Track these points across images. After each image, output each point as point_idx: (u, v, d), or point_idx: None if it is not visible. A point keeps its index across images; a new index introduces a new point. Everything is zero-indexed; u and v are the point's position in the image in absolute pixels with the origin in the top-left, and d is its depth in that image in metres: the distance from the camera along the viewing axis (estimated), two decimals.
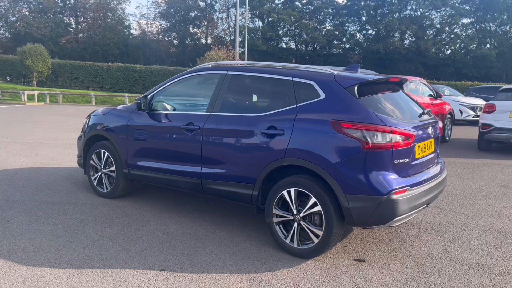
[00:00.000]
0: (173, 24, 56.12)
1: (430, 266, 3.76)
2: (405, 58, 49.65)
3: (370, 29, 54.55)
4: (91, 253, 3.82)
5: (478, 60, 49.15)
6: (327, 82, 3.84)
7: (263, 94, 4.34)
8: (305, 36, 53.74)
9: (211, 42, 56.31)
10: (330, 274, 3.55)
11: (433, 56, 50.77)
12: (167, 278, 3.41)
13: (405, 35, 52.54)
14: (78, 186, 6.01)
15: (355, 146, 3.52)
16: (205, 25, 57.17)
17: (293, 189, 3.79)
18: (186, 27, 55.73)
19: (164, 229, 4.46)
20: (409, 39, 52.30)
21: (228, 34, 57.20)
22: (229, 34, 57.12)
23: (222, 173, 4.27)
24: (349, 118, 3.59)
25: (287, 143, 3.79)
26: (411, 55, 49.55)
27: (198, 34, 57.80)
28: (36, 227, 4.39)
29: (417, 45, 49.47)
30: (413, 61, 49.79)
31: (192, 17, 56.16)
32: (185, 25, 55.99)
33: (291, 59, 54.06)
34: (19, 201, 5.22)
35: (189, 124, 4.50)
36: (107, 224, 4.55)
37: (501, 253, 4.08)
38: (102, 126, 5.37)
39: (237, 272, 3.55)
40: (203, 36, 58.41)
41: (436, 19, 52.31)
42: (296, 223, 3.80)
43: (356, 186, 3.51)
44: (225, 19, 57.14)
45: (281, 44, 56.15)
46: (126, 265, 3.61)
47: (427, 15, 52.00)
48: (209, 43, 56.62)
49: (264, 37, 52.20)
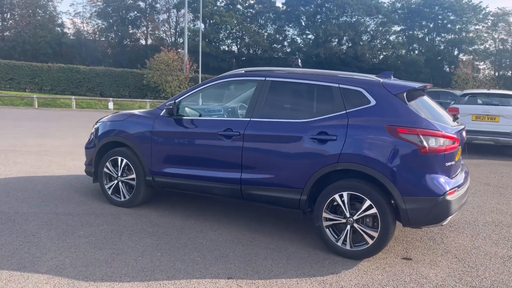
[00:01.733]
0: (111, 24, 54.27)
1: (471, 261, 4.06)
2: (343, 62, 51.73)
3: (310, 33, 56.22)
4: (146, 264, 3.71)
5: (408, 65, 52.44)
6: (377, 89, 4.02)
7: (306, 101, 4.43)
8: (247, 39, 54.23)
9: (151, 43, 55.14)
10: (389, 273, 3.72)
11: (368, 60, 53.44)
12: (240, 286, 3.40)
13: (342, 40, 54.73)
14: (85, 195, 5.73)
15: (412, 150, 3.73)
16: (145, 25, 55.85)
17: (345, 192, 3.92)
18: (125, 27, 54.10)
19: (204, 237, 4.41)
20: (346, 44, 54.50)
21: (170, 35, 56.33)
22: (170, 36, 56.26)
23: (266, 179, 4.30)
24: (404, 124, 3.79)
25: (340, 148, 3.92)
26: (348, 59, 51.73)
27: (137, 34, 56.32)
28: (69, 241, 4.16)
29: (354, 50, 51.74)
30: (350, 65, 51.96)
31: (131, 17, 54.64)
32: (124, 25, 54.34)
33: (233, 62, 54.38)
34: (32, 213, 4.89)
35: (227, 130, 4.48)
36: (142, 234, 4.41)
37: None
38: (120, 133, 5.18)
39: (303, 276, 3.62)
40: (142, 37, 57.03)
41: (370, 26, 55.04)
42: (349, 225, 3.93)
43: (413, 189, 3.71)
44: (166, 20, 56.12)
45: (223, 47, 56.25)
46: (190, 275, 3.55)
47: (362, 22, 54.55)
48: (149, 44, 55.41)
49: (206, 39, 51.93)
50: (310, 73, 4.50)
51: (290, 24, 55.99)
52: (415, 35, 56.43)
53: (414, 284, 3.54)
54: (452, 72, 55.01)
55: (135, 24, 55.61)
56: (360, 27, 54.41)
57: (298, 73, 4.52)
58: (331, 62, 51.90)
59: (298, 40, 56.85)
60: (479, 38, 55.76)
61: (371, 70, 52.35)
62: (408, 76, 51.62)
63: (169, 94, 28.30)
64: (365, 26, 54.77)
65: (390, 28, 55.15)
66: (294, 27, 57.08)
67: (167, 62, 27.46)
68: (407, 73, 51.79)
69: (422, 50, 55.51)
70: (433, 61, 54.43)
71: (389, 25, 54.35)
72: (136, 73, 29.70)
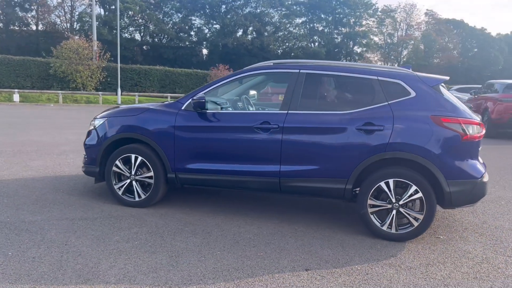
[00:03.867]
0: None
1: (493, 235, 4.56)
2: (250, 53, 52.52)
3: (216, 23, 56.07)
4: (215, 264, 3.59)
5: (310, 56, 54.92)
6: (415, 81, 4.30)
7: (345, 93, 4.56)
8: (152, 27, 52.40)
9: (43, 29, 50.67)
10: (437, 251, 4.06)
11: (273, 51, 54.98)
12: (323, 276, 3.47)
13: (248, 30, 55.50)
14: (83, 197, 5.27)
15: (455, 137, 4.08)
16: (35, 9, 50.99)
17: (391, 180, 4.16)
18: (12, 10, 48.83)
19: (247, 231, 4.36)
20: (252, 35, 55.38)
21: (65, 21, 52.21)
22: (65, 21, 52.17)
23: (308, 170, 4.37)
24: (446, 113, 4.12)
25: (388, 138, 4.14)
26: (255, 50, 52.66)
27: (27, 19, 51.22)
28: (111, 247, 3.84)
29: (260, 41, 52.80)
30: (257, 56, 52.95)
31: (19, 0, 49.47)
32: (10, 7, 49.02)
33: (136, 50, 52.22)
34: (42, 221, 4.40)
35: (264, 123, 4.45)
36: (184, 234, 4.22)
37: None
38: (135, 128, 4.83)
39: (369, 261, 3.79)
40: (33, 21, 52.02)
41: (274, 18, 56.59)
42: (395, 210, 4.18)
43: (456, 173, 4.08)
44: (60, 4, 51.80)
45: (125, 35, 53.62)
46: (266, 270, 3.52)
47: (266, 13, 55.84)
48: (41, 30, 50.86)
49: (108, 25, 49.09)
50: (345, 66, 4.63)
51: (196, 13, 55.20)
52: (316, 28, 59.31)
53: (464, 259, 3.90)
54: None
55: (23, 7, 50.46)
56: (265, 18, 55.66)
57: (333, 66, 4.63)
58: (239, 52, 52.40)
59: (205, 29, 56.36)
60: (370, 32, 60.38)
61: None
62: None
63: (80, 84, 26.34)
64: (269, 17, 56.14)
65: (293, 20, 57.25)
66: (200, 16, 56.43)
67: (77, 50, 25.46)
68: None
69: (322, 42, 58.56)
70: (332, 53, 57.78)
71: (292, 17, 56.36)
72: (39, 61, 27.03)
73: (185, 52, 52.57)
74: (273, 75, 4.90)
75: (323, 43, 58.59)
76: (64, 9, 52.43)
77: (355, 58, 59.19)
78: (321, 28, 59.79)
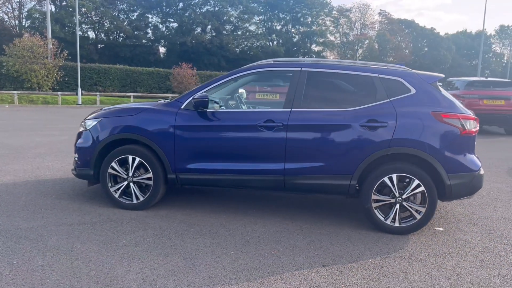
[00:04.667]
0: None
1: (488, 225, 4.78)
2: (209, 51, 52.16)
3: (173, 21, 55.27)
4: (232, 264, 3.56)
5: (270, 55, 55.23)
6: (414, 78, 4.44)
7: (347, 90, 4.62)
8: (107, 25, 50.91)
9: None
10: (441, 242, 4.21)
11: (232, 50, 54.86)
12: (341, 271, 3.52)
13: (206, 29, 55.07)
14: (74, 201, 5.07)
15: (455, 132, 4.25)
16: None
17: (395, 174, 4.28)
18: None
19: (254, 230, 4.35)
20: (211, 33, 54.99)
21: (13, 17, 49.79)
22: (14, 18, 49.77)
23: (313, 167, 4.41)
24: (445, 109, 4.28)
25: (391, 134, 4.25)
26: (214, 49, 52.32)
27: None
28: (120, 251, 3.72)
29: (219, 40, 52.52)
30: (216, 55, 52.76)
31: None
32: None
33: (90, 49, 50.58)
34: (39, 227, 4.19)
35: (268, 122, 4.44)
36: (191, 235, 4.15)
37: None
38: (133, 129, 4.69)
39: (381, 254, 3.88)
40: None
41: (233, 16, 56.47)
42: (398, 204, 4.30)
43: (456, 166, 4.25)
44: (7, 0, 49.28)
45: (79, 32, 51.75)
46: (284, 268, 3.53)
47: (225, 12, 55.63)
48: None
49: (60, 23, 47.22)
50: (346, 64, 4.71)
51: (152, 10, 54.13)
52: (274, 27, 59.73)
53: (467, 249, 4.07)
54: None
55: None
56: (223, 17, 55.43)
57: (333, 64, 4.69)
58: (198, 51, 51.88)
59: (162, 27, 55.38)
60: (327, 31, 61.56)
61: (236, 60, 53.83)
62: None
63: (35, 84, 25.15)
64: (228, 16, 55.96)
65: (251, 19, 57.37)
66: (156, 14, 55.39)
67: (31, 48, 24.29)
68: None
69: (280, 41, 59.06)
70: (290, 51, 58.39)
71: (250, 16, 56.48)
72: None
73: (142, 50, 51.46)
74: (274, 73, 4.90)
75: (282, 41, 59.12)
76: (12, 5, 50.02)
77: (313, 56, 60.11)
78: (279, 27, 60.30)
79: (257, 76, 4.92)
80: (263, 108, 4.88)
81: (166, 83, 30.80)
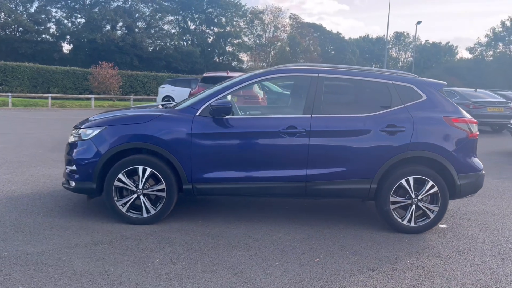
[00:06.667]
0: None
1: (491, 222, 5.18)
2: (121, 50, 49.87)
3: (81, 17, 52.04)
4: (284, 276, 3.48)
5: (185, 55, 54.48)
6: (424, 85, 4.68)
7: (363, 96, 4.71)
8: (4, 18, 46.30)
9: None
10: (449, 239, 4.50)
11: (146, 49, 53.07)
12: (390, 274, 3.60)
13: (117, 26, 52.63)
14: (75, 218, 4.58)
15: (463, 136, 4.57)
16: None
17: (411, 177, 4.49)
18: None
19: (281, 238, 4.28)
20: (122, 30, 52.66)
21: None
22: None
23: (335, 172, 4.45)
24: (454, 114, 4.59)
25: (409, 138, 4.44)
26: (127, 47, 50.15)
27: None
28: (163, 271, 3.45)
29: (132, 38, 50.49)
30: (129, 53, 50.57)
31: None
32: None
33: None
34: (52, 250, 3.72)
35: (290, 128, 4.40)
36: (223, 248, 3.97)
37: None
38: (145, 138, 4.34)
39: (413, 254, 4.04)
40: None
41: (146, 13, 54.66)
42: (414, 205, 4.52)
43: (464, 167, 4.57)
44: None
45: None
46: (339, 276, 3.53)
47: (137, 9, 53.63)
48: None
49: None
50: (359, 70, 4.82)
51: (56, 4, 50.33)
52: (188, 26, 58.96)
53: (480, 243, 4.40)
54: (221, 62, 60.12)
55: None
56: (135, 14, 53.43)
57: (349, 70, 4.78)
58: (109, 49, 49.30)
59: (67, 23, 51.79)
60: (241, 32, 62.22)
61: (149, 59, 52.15)
62: (185, 66, 53.62)
63: None
64: (140, 13, 54.04)
65: (165, 17, 56.02)
66: (61, 8, 51.64)
67: None
68: (184, 63, 53.70)
69: (195, 41, 58.44)
70: (206, 52, 58.12)
71: (163, 14, 55.11)
72: None
73: (45, 47, 47.65)
74: (291, 78, 4.85)
75: (197, 42, 58.53)
76: None
77: (229, 58, 60.49)
78: (193, 26, 59.67)
79: (273, 82, 4.84)
80: (284, 114, 4.80)
81: (83, 83, 28.86)
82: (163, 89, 22.57)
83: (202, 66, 56.18)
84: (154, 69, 44.86)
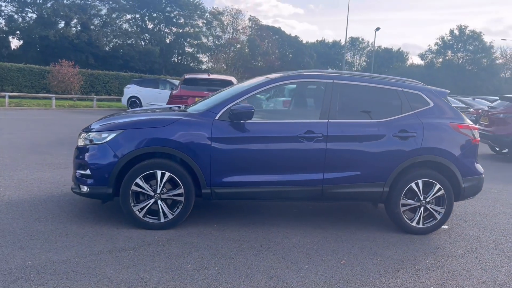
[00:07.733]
0: None
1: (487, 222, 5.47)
2: (76, 47, 48.11)
3: (32, 12, 49.81)
4: (318, 279, 3.56)
5: (143, 54, 53.35)
6: (431, 93, 4.91)
7: (375, 102, 4.86)
8: None
9: None
10: (455, 238, 4.75)
11: (102, 47, 51.55)
12: (416, 275, 3.76)
13: (71, 22, 50.79)
14: (87, 224, 4.43)
15: (468, 141, 4.83)
16: None
17: (421, 180, 4.69)
18: None
19: (302, 241, 4.35)
20: (76, 27, 50.88)
21: None
22: None
23: (351, 176, 4.58)
24: (459, 121, 4.84)
25: (420, 143, 4.65)
26: (82, 45, 48.46)
27: None
28: (198, 277, 3.42)
29: (88, 36, 48.89)
30: (84, 51, 48.88)
31: None
32: None
33: None
34: (77, 258, 3.59)
35: (308, 132, 4.49)
36: (249, 252, 3.99)
37: None
38: (164, 141, 4.27)
39: (428, 254, 4.23)
40: None
41: (102, 11, 53.13)
42: (422, 207, 4.73)
43: (468, 170, 4.83)
44: None
45: None
46: (370, 277, 3.64)
47: (93, 5, 52.02)
48: None
49: None
50: (370, 77, 4.99)
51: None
52: (146, 25, 57.85)
53: (484, 243, 4.67)
54: (180, 62, 59.45)
55: None
56: (91, 11, 51.78)
57: (361, 77, 4.94)
58: (62, 46, 47.40)
59: (18, 18, 49.37)
60: (201, 33, 61.78)
61: (105, 58, 50.64)
62: (144, 65, 52.49)
63: None
64: (96, 10, 52.42)
65: (122, 15, 54.68)
66: (10, 2, 49.16)
67: None
68: (142, 63, 52.57)
69: (153, 40, 57.41)
70: (164, 51, 57.21)
71: (121, 12, 53.77)
72: None
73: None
74: (305, 84, 4.93)
75: (155, 41, 57.52)
76: None
77: (188, 59, 59.92)
78: (152, 25, 58.59)
79: (289, 87, 4.91)
80: (300, 119, 4.86)
81: (40, 82, 27.55)
82: (129, 90, 22.06)
83: (161, 66, 55.28)
84: (111, 68, 43.53)
